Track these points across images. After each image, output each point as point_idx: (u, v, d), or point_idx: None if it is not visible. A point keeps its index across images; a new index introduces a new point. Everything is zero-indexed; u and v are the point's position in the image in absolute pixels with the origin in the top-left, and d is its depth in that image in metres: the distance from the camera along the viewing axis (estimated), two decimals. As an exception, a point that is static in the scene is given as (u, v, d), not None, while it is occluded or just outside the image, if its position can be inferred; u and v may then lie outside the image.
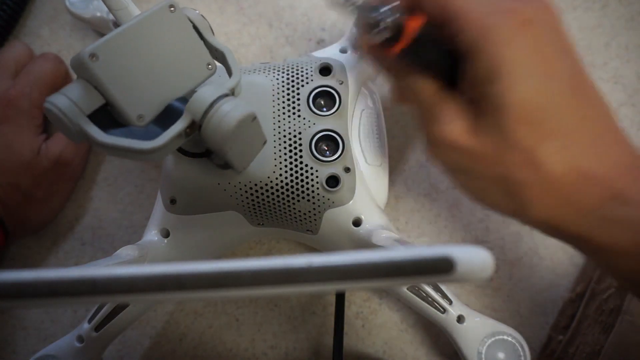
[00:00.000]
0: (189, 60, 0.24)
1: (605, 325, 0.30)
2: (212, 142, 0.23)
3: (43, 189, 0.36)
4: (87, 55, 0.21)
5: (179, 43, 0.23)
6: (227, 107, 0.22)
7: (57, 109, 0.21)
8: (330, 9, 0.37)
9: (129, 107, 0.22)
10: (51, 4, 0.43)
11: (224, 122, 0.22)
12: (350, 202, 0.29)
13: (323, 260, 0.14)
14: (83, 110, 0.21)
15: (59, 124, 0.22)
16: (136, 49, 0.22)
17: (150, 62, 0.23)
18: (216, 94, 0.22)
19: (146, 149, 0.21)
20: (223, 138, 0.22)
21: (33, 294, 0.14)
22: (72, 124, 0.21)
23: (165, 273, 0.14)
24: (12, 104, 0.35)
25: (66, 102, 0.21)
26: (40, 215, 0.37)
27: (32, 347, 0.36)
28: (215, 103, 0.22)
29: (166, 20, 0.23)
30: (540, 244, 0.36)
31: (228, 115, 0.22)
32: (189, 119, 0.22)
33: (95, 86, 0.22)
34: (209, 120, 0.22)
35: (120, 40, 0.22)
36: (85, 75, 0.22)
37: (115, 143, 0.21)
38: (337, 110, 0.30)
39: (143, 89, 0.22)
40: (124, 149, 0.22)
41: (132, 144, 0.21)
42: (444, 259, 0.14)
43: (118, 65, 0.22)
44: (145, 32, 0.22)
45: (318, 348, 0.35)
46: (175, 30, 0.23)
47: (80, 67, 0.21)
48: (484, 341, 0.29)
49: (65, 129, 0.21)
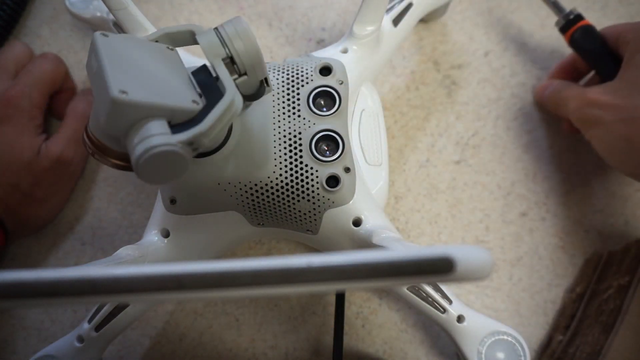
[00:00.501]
0: (157, 53, 0.24)
1: (605, 325, 0.30)
2: (250, 57, 0.24)
3: (43, 189, 0.36)
4: (119, 94, 0.20)
5: (138, 48, 0.23)
6: (229, 26, 0.23)
7: (157, 147, 0.20)
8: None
9: (182, 102, 0.22)
10: (51, 4, 0.43)
11: (242, 31, 0.23)
12: (350, 202, 0.29)
13: (323, 260, 0.14)
14: (168, 133, 0.21)
15: (163, 168, 0.21)
16: (129, 68, 0.22)
17: (146, 69, 0.22)
18: (211, 32, 0.24)
19: (231, 98, 0.22)
20: (254, 43, 0.24)
21: (33, 294, 0.14)
22: (177, 146, 0.21)
23: (165, 273, 0.14)
24: (12, 104, 0.35)
25: (154, 138, 0.20)
26: (40, 215, 0.37)
27: (32, 347, 0.36)
28: (218, 32, 0.23)
29: (112, 42, 0.23)
30: (540, 244, 0.36)
31: (238, 26, 0.23)
32: (220, 61, 0.23)
33: (145, 116, 0.21)
34: (233, 43, 0.23)
35: (115, 70, 0.21)
36: (129, 117, 0.21)
37: (215, 116, 0.22)
38: (337, 110, 0.30)
39: (167, 87, 0.22)
40: (223, 115, 0.22)
41: (223, 104, 0.22)
42: (444, 259, 0.14)
43: (137, 85, 0.21)
44: (117, 55, 0.22)
45: (318, 348, 0.35)
46: (125, 44, 0.23)
47: (121, 111, 0.20)
48: (483, 341, 0.29)
49: (173, 162, 0.21)
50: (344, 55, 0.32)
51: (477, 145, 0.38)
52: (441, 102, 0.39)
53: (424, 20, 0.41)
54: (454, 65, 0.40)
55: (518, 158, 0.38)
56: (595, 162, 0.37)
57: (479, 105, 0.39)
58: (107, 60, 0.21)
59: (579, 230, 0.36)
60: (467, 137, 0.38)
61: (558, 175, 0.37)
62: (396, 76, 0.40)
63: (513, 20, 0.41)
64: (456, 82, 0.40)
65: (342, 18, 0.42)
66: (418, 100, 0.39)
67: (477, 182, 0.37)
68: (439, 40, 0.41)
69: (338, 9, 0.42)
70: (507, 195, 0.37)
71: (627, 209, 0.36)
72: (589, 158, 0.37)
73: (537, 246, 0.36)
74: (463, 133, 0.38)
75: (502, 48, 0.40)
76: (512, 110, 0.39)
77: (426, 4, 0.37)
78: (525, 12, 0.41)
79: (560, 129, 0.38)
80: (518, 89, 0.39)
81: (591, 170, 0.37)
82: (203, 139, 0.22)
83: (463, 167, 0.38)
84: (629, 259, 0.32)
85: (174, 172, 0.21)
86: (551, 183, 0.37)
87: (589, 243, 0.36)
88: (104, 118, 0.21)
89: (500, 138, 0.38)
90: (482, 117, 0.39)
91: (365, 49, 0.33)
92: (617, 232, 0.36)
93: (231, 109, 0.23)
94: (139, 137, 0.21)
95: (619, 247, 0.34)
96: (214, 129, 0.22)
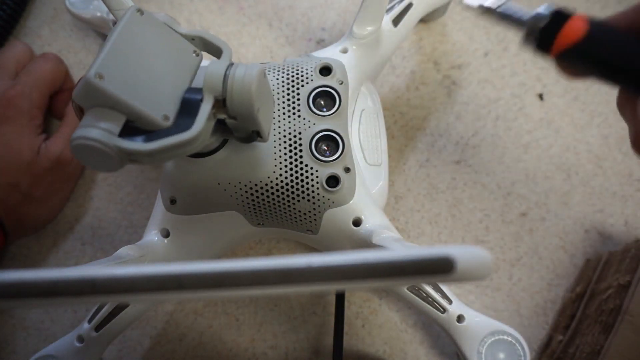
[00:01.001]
0: (177, 53, 0.24)
1: (605, 325, 0.30)
2: (241, 108, 0.23)
3: (42, 189, 0.36)
4: (94, 76, 0.20)
5: (161, 41, 0.24)
6: (240, 70, 0.22)
7: (90, 140, 0.20)
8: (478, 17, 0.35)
9: (152, 111, 0.22)
10: (51, 4, 0.43)
11: (246, 82, 0.22)
12: (350, 202, 0.29)
13: (323, 260, 0.14)
14: (113, 133, 0.21)
15: (93, 158, 0.21)
16: (131, 57, 0.22)
17: (147, 65, 0.23)
18: (223, 64, 0.23)
19: (189, 137, 0.21)
20: (251, 98, 0.22)
21: (33, 293, 0.14)
22: (110, 148, 0.21)
23: (165, 273, 0.14)
24: (12, 104, 0.35)
25: (95, 130, 0.20)
26: (39, 215, 0.37)
27: (32, 347, 0.36)
28: (228, 71, 0.22)
29: (141, 24, 0.23)
30: (540, 244, 0.36)
31: (246, 75, 0.22)
32: (211, 98, 0.22)
33: (111, 106, 0.21)
34: (232, 88, 0.22)
35: (114, 54, 0.21)
36: (97, 100, 0.21)
37: (161, 145, 0.21)
38: (337, 110, 0.30)
39: (153, 91, 0.22)
40: (170, 148, 0.21)
41: (176, 139, 0.21)
42: (444, 259, 0.14)
43: (123, 77, 0.21)
44: (131, 39, 0.22)
45: (318, 348, 0.35)
46: (152, 31, 0.23)
47: (90, 92, 0.21)
48: (483, 341, 0.29)
49: (103, 159, 0.21)
50: (344, 55, 0.32)
51: (477, 145, 0.38)
52: (441, 102, 0.39)
53: (424, 20, 0.41)
54: (454, 65, 0.40)
55: (518, 158, 0.38)
56: (595, 162, 0.37)
57: (479, 105, 0.39)
58: (118, 38, 0.22)
59: (579, 230, 0.36)
60: (467, 137, 0.38)
61: (558, 175, 0.37)
62: (396, 76, 0.40)
63: (513, 20, 0.41)
64: (456, 82, 0.40)
65: (342, 18, 0.42)
66: (418, 100, 0.39)
67: (477, 182, 0.37)
68: (439, 40, 0.41)
69: (338, 9, 0.42)
70: (507, 195, 0.37)
71: (627, 209, 0.36)
72: (588, 158, 0.37)
73: (537, 246, 0.36)
74: (463, 133, 0.38)
75: (502, 48, 0.40)
76: (512, 110, 0.39)
77: (426, 4, 0.37)
78: (525, 12, 0.41)
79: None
80: (518, 89, 0.39)
81: (591, 170, 0.37)
82: (143, 157, 0.22)
83: (463, 167, 0.38)
84: (629, 259, 0.32)
85: (104, 166, 0.21)
86: (551, 183, 0.37)
87: (589, 243, 0.36)
88: (76, 87, 0.21)
89: (500, 138, 0.38)
90: (482, 117, 0.39)
91: (365, 49, 0.33)
92: (617, 232, 0.36)
93: (185, 146, 0.22)
94: (87, 121, 0.21)
95: (619, 247, 0.34)
96: (157, 155, 0.22)
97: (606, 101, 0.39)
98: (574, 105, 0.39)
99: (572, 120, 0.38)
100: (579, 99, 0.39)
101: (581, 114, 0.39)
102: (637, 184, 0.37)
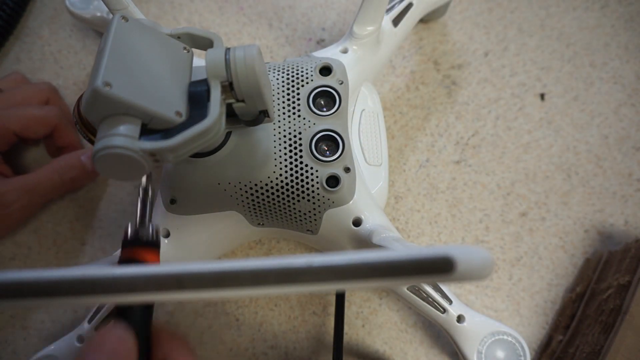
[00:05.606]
0: (169, 52, 0.24)
1: (605, 325, 0.30)
2: (248, 88, 0.23)
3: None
4: (102, 85, 0.20)
5: (152, 43, 0.24)
6: (239, 52, 0.23)
7: (116, 148, 0.20)
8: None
9: (165, 110, 0.22)
10: (51, 4, 0.43)
11: (248, 61, 0.22)
12: (350, 202, 0.29)
13: (323, 260, 0.14)
14: (134, 137, 0.21)
15: (118, 167, 0.21)
16: (130, 62, 0.22)
17: (147, 67, 0.23)
18: (221, 51, 0.23)
19: (209, 125, 0.22)
20: (256, 76, 0.22)
21: (33, 293, 0.14)
22: (136, 152, 0.20)
23: (165, 273, 0.14)
24: None
25: (118, 138, 0.20)
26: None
27: (32, 347, 0.36)
28: (227, 56, 0.23)
29: (129, 29, 0.23)
30: (540, 244, 0.36)
31: (247, 55, 0.22)
32: (218, 84, 0.23)
33: (124, 112, 0.21)
34: (236, 70, 0.22)
35: (114, 61, 0.21)
36: (109, 109, 0.21)
37: (183, 138, 0.21)
38: (337, 110, 0.30)
39: (159, 91, 0.22)
40: (192, 139, 0.22)
41: (197, 129, 0.22)
42: (444, 259, 0.14)
43: (128, 82, 0.21)
44: (124, 46, 0.22)
45: (318, 348, 0.35)
46: (142, 35, 0.23)
47: (100, 102, 0.21)
48: (483, 341, 0.29)
49: (129, 166, 0.21)
50: (344, 55, 0.32)
51: (477, 145, 0.38)
52: (441, 102, 0.39)
53: (424, 20, 0.41)
54: (454, 65, 0.40)
55: (518, 158, 0.38)
56: (595, 162, 0.37)
57: (479, 105, 0.39)
58: (112, 46, 0.22)
59: (579, 230, 0.36)
60: (467, 137, 0.38)
61: (558, 175, 0.37)
62: (396, 76, 0.40)
63: (513, 20, 0.41)
64: (456, 82, 0.40)
65: (342, 18, 0.42)
66: (418, 100, 0.39)
67: (477, 182, 0.37)
68: (439, 40, 0.41)
69: (338, 9, 0.42)
70: (507, 195, 0.37)
71: (627, 209, 0.36)
72: (588, 158, 0.37)
73: (537, 246, 0.36)
74: (463, 133, 0.38)
75: (502, 48, 0.40)
76: (512, 110, 0.39)
77: (426, 4, 0.37)
78: (525, 12, 0.41)
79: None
80: (518, 89, 0.39)
81: (591, 170, 0.37)
82: (167, 154, 0.22)
83: (463, 167, 0.38)
84: (629, 259, 0.32)
85: (130, 174, 0.21)
86: (551, 183, 0.37)
87: (589, 243, 0.36)
88: (84, 102, 0.21)
89: (500, 138, 0.38)
90: (482, 117, 0.39)
91: (365, 49, 0.33)
92: (617, 232, 0.36)
93: (206, 135, 0.22)
94: (106, 132, 0.21)
95: (618, 247, 0.34)
96: (181, 149, 0.22)
97: (606, 101, 0.39)
98: (574, 105, 0.39)
99: (572, 120, 0.38)
100: (579, 99, 0.39)
101: (581, 114, 0.39)
102: (637, 184, 0.37)
